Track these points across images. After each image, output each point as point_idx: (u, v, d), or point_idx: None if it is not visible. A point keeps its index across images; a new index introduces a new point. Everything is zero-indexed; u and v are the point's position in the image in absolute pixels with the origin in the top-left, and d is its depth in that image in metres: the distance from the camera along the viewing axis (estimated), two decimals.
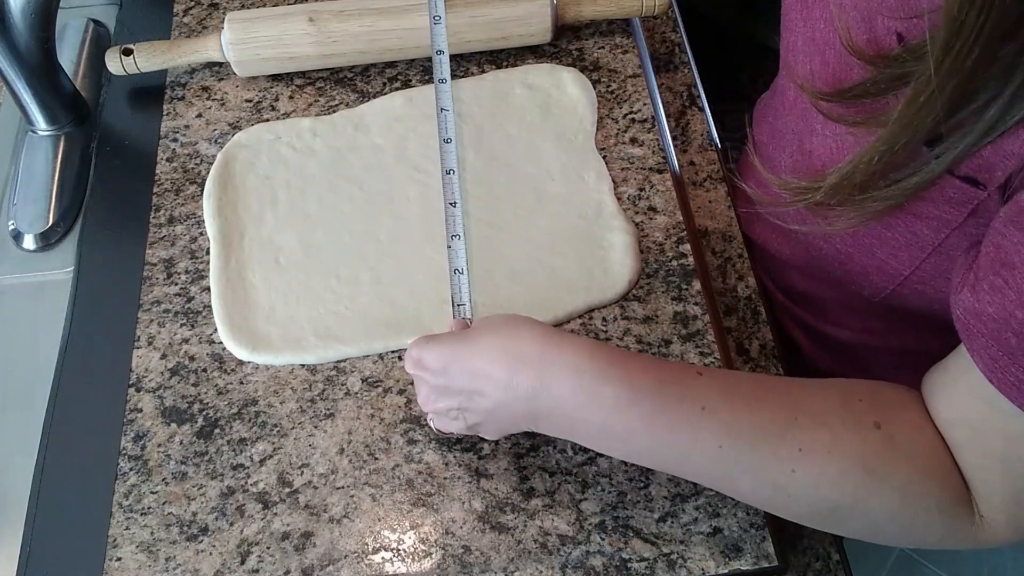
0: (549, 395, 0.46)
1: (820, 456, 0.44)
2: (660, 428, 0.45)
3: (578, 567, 0.52)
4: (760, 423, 0.45)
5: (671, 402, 0.45)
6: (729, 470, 0.46)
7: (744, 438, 0.45)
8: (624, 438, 0.46)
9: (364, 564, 0.53)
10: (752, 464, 0.45)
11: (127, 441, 0.57)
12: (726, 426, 0.45)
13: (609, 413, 0.45)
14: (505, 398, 0.47)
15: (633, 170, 0.67)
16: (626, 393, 0.45)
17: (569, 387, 0.46)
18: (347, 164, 0.68)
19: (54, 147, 0.72)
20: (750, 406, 0.45)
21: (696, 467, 0.47)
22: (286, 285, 0.62)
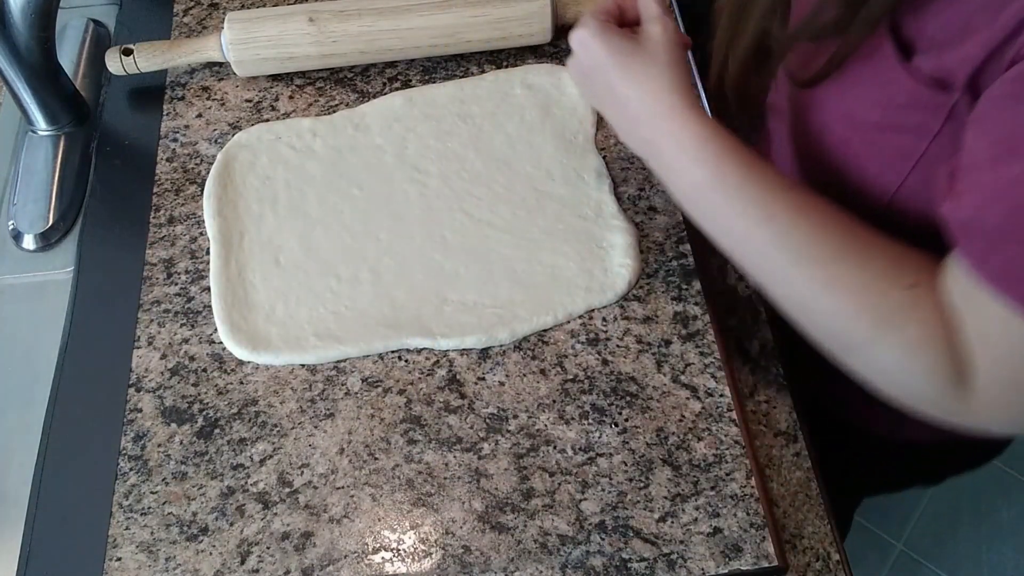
0: (657, 151, 0.53)
1: (847, 293, 0.48)
2: (724, 218, 0.51)
3: (578, 567, 0.52)
4: (810, 247, 0.49)
5: (746, 202, 0.50)
6: (769, 274, 0.51)
7: (788, 253, 0.49)
8: (694, 205, 0.53)
9: (364, 564, 0.53)
10: (786, 278, 0.50)
11: (127, 441, 0.57)
12: (779, 238, 0.49)
13: (691, 187, 0.52)
14: (627, 127, 0.55)
15: (633, 170, 0.67)
16: (709, 181, 0.51)
17: (669, 157, 0.53)
18: (347, 164, 0.68)
19: (54, 147, 0.72)
20: (811, 229, 0.49)
21: (741, 257, 0.52)
22: (286, 285, 0.62)
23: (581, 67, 0.56)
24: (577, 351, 0.59)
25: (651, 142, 0.53)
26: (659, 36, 0.54)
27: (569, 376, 0.59)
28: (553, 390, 0.58)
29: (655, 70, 0.53)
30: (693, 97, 0.53)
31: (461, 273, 0.62)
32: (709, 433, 0.56)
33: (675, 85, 0.53)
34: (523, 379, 0.59)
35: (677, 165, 0.52)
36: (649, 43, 0.54)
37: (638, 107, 0.53)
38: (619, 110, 0.55)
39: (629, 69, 0.54)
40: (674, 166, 0.52)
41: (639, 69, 0.54)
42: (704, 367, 0.59)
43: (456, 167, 0.67)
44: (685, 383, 0.58)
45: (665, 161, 0.53)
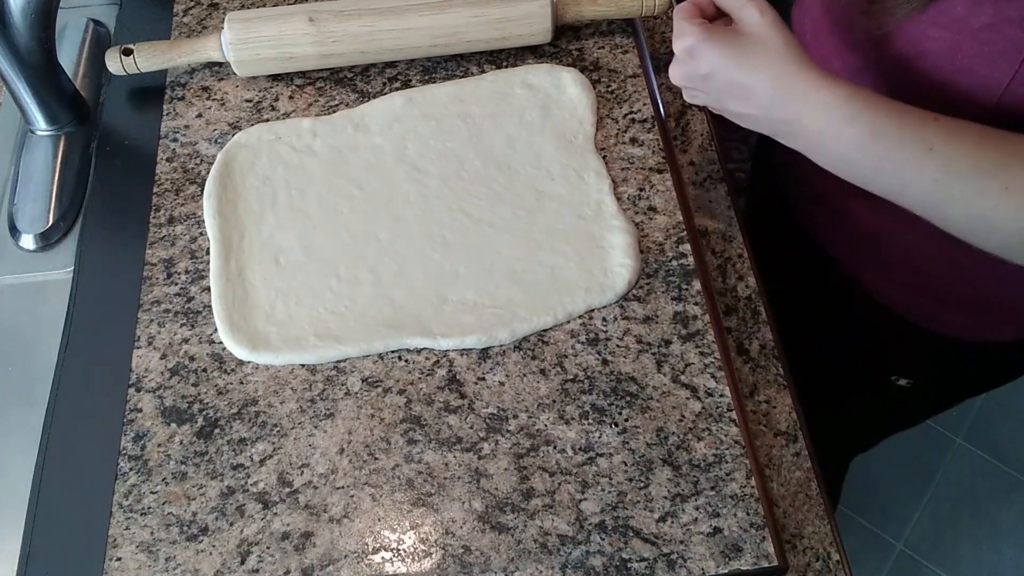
0: (800, 126, 0.54)
1: (1022, 194, 0.50)
2: (889, 164, 0.52)
3: (578, 567, 0.52)
4: (977, 163, 0.51)
5: (905, 143, 0.51)
6: (942, 201, 0.52)
7: (959, 175, 0.51)
8: (853, 165, 0.54)
9: (364, 564, 0.53)
10: (963, 197, 0.51)
11: (127, 441, 0.57)
12: (946, 165, 0.51)
13: (848, 147, 0.53)
14: (758, 115, 0.56)
15: (633, 170, 0.67)
16: (867, 134, 0.52)
17: (818, 126, 0.53)
18: (347, 164, 0.68)
19: (54, 147, 0.72)
20: (972, 148, 0.51)
21: (912, 197, 0.53)
22: (286, 285, 0.62)
23: (696, 74, 0.57)
24: (577, 351, 0.60)
25: (793, 120, 0.54)
26: (759, 20, 0.55)
27: (569, 376, 0.59)
28: (553, 390, 0.58)
29: (773, 52, 0.54)
30: (816, 65, 0.54)
31: (461, 273, 0.62)
32: (709, 433, 0.56)
33: (799, 60, 0.54)
34: (523, 379, 0.59)
35: (829, 131, 0.53)
36: (754, 28, 0.55)
37: (772, 92, 0.54)
38: (748, 101, 0.56)
39: (748, 59, 0.55)
40: (826, 132, 0.53)
41: (759, 57, 0.54)
42: (704, 367, 0.59)
43: (456, 167, 0.67)
44: (685, 383, 0.58)
45: (814, 132, 0.54)
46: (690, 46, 0.56)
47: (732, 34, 0.56)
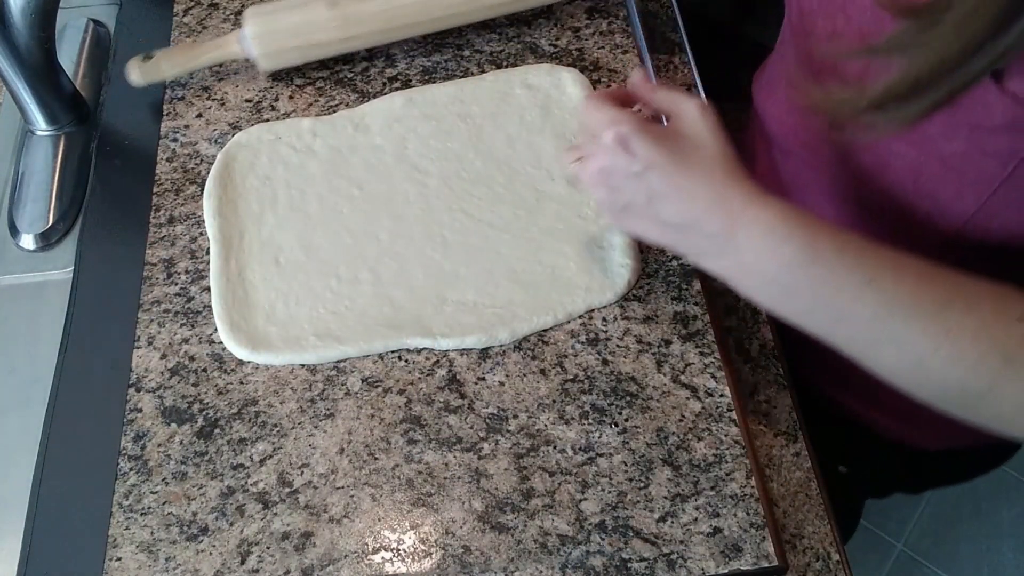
0: (733, 242, 0.49)
1: (965, 339, 0.45)
2: (824, 292, 0.47)
3: (578, 567, 0.52)
4: (919, 301, 0.46)
5: (843, 270, 0.47)
6: (877, 340, 0.47)
7: (899, 314, 0.46)
8: (785, 291, 0.49)
9: (364, 564, 0.53)
10: (901, 338, 0.47)
11: (127, 441, 0.57)
12: (886, 300, 0.46)
13: (781, 270, 0.48)
14: (688, 224, 0.50)
15: None
16: (804, 256, 0.47)
17: (753, 243, 0.48)
18: (347, 164, 0.68)
19: (54, 147, 0.72)
20: (914, 283, 0.47)
21: (845, 333, 0.49)
22: (286, 285, 0.62)
23: (627, 169, 0.51)
24: (577, 351, 0.60)
25: (726, 234, 0.49)
26: (699, 118, 0.51)
27: (569, 376, 0.59)
28: (553, 390, 0.58)
29: (711, 158, 0.50)
30: (751, 179, 0.50)
31: (461, 273, 0.62)
32: (709, 433, 0.56)
33: (736, 171, 0.50)
34: (523, 379, 0.59)
35: (764, 249, 0.48)
36: (692, 128, 0.51)
37: (709, 199, 0.49)
38: (683, 206, 0.50)
39: (687, 159, 0.50)
40: (761, 250, 0.48)
41: (696, 158, 0.50)
42: (704, 367, 0.59)
43: (456, 167, 0.67)
44: (685, 383, 0.58)
45: (747, 249, 0.48)
46: (625, 136, 0.51)
47: (669, 130, 0.52)
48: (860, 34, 0.51)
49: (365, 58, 0.74)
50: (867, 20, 0.50)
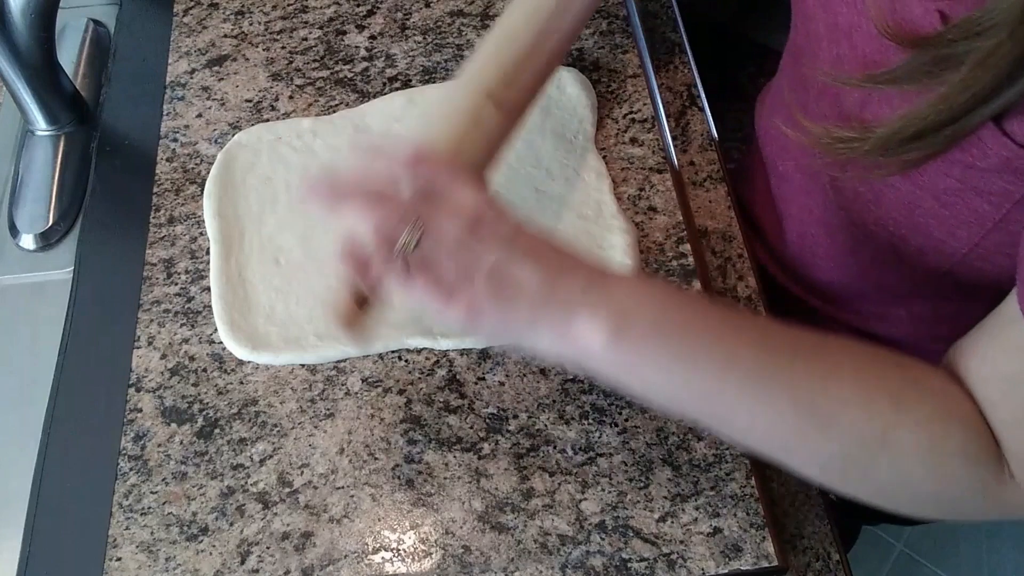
0: (604, 286, 0.44)
1: (848, 380, 0.44)
2: (679, 376, 0.45)
3: (578, 567, 0.52)
4: (792, 347, 0.45)
5: (695, 319, 0.45)
6: (758, 389, 0.44)
7: (774, 354, 0.45)
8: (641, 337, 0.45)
9: (364, 564, 0.53)
10: (785, 381, 0.44)
11: (127, 441, 0.57)
12: (730, 353, 0.45)
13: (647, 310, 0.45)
14: (560, 269, 0.44)
15: (633, 170, 0.67)
16: (665, 299, 0.46)
17: (624, 285, 0.45)
18: (347, 164, 0.68)
19: (54, 147, 0.72)
20: (774, 350, 0.45)
21: (720, 407, 0.46)
22: (286, 285, 0.62)
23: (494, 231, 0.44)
24: None
25: (597, 280, 0.45)
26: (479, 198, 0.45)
27: (569, 376, 0.59)
28: (553, 390, 0.58)
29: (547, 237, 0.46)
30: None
31: None
32: (709, 433, 0.56)
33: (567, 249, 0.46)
34: (523, 379, 0.59)
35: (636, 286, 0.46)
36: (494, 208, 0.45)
37: (570, 254, 0.46)
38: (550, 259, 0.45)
39: (524, 223, 0.45)
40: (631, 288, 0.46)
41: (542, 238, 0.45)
42: None
43: None
44: None
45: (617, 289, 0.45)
46: (488, 199, 0.45)
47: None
48: (863, 62, 0.51)
49: (365, 58, 0.74)
50: (872, 49, 0.50)
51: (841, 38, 0.52)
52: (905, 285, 0.61)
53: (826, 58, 0.54)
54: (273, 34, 0.76)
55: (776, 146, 0.67)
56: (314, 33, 0.76)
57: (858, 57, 0.51)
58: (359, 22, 0.77)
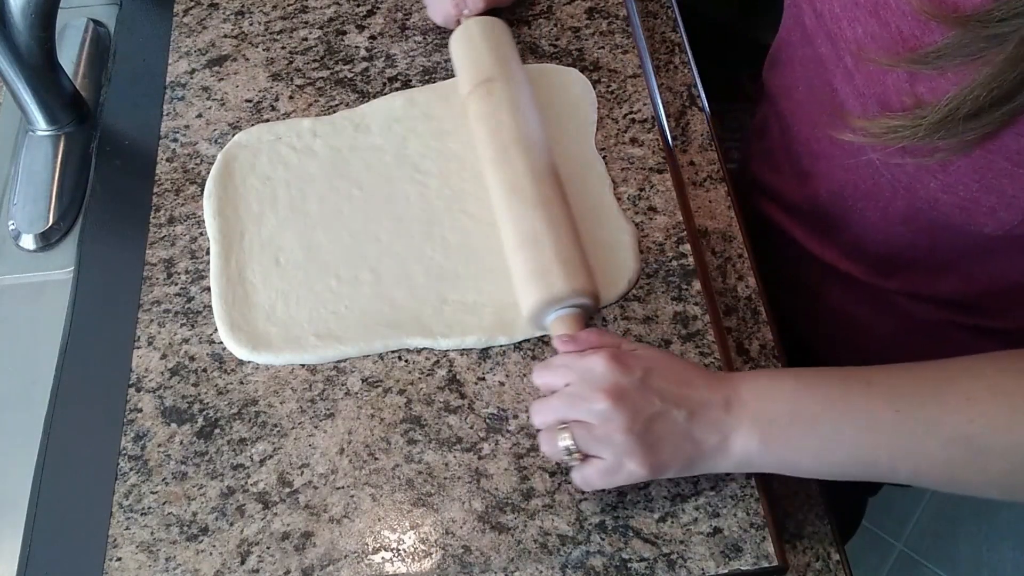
0: (739, 398, 0.50)
1: (988, 402, 0.45)
2: (838, 406, 0.48)
3: (578, 567, 0.52)
4: (920, 386, 0.47)
5: (845, 381, 0.49)
6: (909, 434, 0.47)
7: (912, 398, 0.47)
8: (801, 425, 0.49)
9: (364, 564, 0.53)
10: (931, 420, 0.46)
11: (127, 441, 0.57)
12: (892, 391, 0.47)
13: (788, 403, 0.49)
14: (692, 407, 0.50)
15: (633, 170, 0.67)
16: (803, 383, 0.50)
17: (756, 387, 0.50)
18: (347, 164, 0.68)
19: (54, 147, 0.72)
20: (906, 374, 0.49)
21: (874, 443, 0.48)
22: (286, 285, 0.62)
23: (630, 377, 0.50)
24: None
25: (731, 396, 0.50)
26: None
27: None
28: None
29: (685, 363, 0.52)
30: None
31: (461, 273, 0.62)
32: None
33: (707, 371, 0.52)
34: (523, 379, 0.59)
35: (769, 389, 0.50)
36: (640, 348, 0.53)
37: (704, 373, 0.52)
38: (689, 387, 0.50)
39: (666, 355, 0.53)
40: (765, 390, 0.50)
41: (680, 365, 0.52)
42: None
43: (456, 167, 0.67)
44: None
45: (752, 396, 0.50)
46: (618, 350, 0.51)
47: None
48: (900, 39, 0.50)
49: (365, 58, 0.74)
50: (908, 26, 0.49)
51: (864, 16, 0.52)
52: (961, 247, 0.60)
53: (850, 38, 0.53)
54: (273, 34, 0.76)
55: (806, 125, 0.66)
56: (314, 33, 0.76)
57: (891, 35, 0.50)
58: (359, 22, 0.77)
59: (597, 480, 0.51)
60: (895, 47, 0.50)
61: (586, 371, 0.50)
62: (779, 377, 0.51)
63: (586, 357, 0.51)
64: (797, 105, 0.67)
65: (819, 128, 0.64)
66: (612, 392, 0.49)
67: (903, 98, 0.51)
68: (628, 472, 0.49)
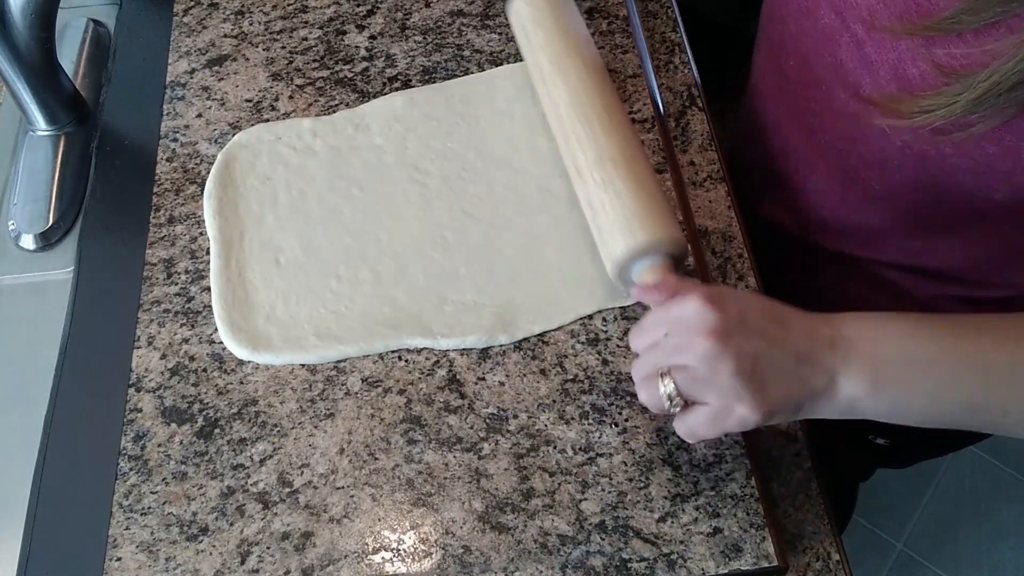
0: (844, 337, 0.47)
1: None
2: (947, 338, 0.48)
3: (578, 567, 0.52)
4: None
5: (956, 321, 0.48)
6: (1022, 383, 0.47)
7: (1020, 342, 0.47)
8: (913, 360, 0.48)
9: (364, 564, 0.53)
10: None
11: (127, 441, 0.57)
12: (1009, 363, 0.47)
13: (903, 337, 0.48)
14: (797, 342, 0.48)
15: None
16: (912, 320, 0.48)
17: (861, 325, 0.48)
18: (347, 164, 0.68)
19: (54, 147, 0.72)
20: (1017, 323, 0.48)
21: (991, 412, 0.48)
22: (286, 285, 0.62)
23: (728, 319, 0.47)
24: (577, 351, 0.60)
25: (835, 334, 0.48)
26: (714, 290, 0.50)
27: (569, 376, 0.59)
28: (553, 390, 0.58)
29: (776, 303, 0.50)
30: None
31: (461, 273, 0.62)
32: None
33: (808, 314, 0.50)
34: (523, 379, 0.59)
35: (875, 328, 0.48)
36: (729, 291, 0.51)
37: (802, 315, 0.49)
38: (788, 327, 0.48)
39: (754, 295, 0.52)
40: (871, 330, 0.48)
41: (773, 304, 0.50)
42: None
43: (456, 167, 0.67)
44: None
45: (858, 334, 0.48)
46: (715, 292, 0.49)
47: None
48: (914, 4, 0.49)
49: (365, 58, 0.74)
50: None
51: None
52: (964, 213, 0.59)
53: (861, 4, 0.53)
54: (273, 34, 0.76)
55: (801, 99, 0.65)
56: (314, 33, 0.76)
57: (904, 1, 0.50)
58: (359, 22, 0.77)
59: (704, 428, 0.48)
60: (908, 13, 0.49)
61: (680, 317, 0.48)
62: (885, 318, 0.49)
63: (677, 303, 0.49)
64: (791, 81, 0.66)
65: (817, 102, 0.63)
66: (714, 333, 0.46)
67: (919, 63, 0.50)
68: (738, 417, 0.47)
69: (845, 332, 0.48)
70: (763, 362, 0.47)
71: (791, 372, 0.47)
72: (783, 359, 0.47)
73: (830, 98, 0.60)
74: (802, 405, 0.48)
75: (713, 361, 0.46)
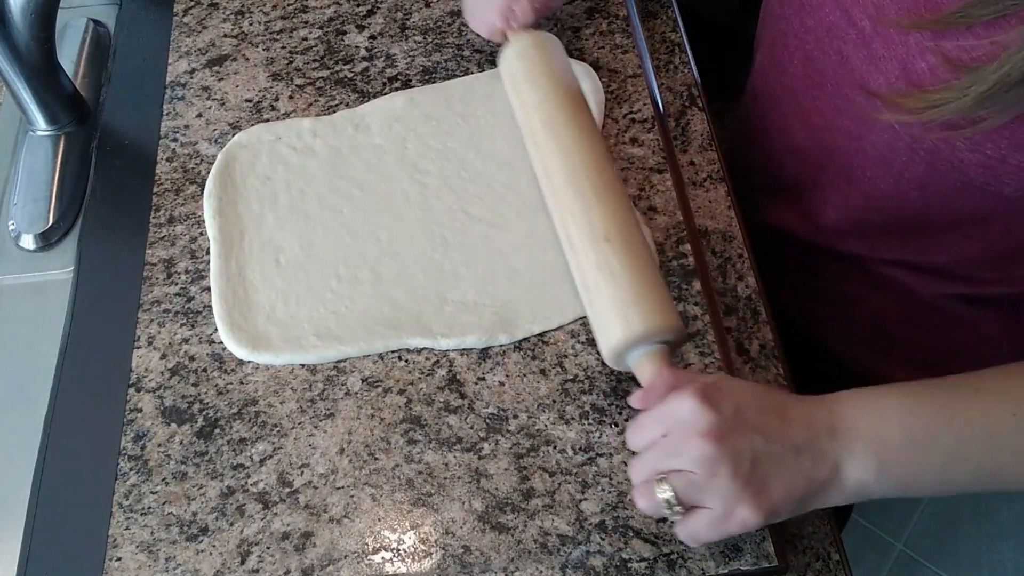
0: (842, 415, 0.47)
1: None
2: (945, 411, 0.47)
3: (578, 567, 0.52)
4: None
5: (951, 387, 0.48)
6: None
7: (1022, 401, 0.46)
8: (909, 434, 0.47)
9: (364, 564, 0.53)
10: None
11: (127, 441, 0.57)
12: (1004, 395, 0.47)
13: (895, 413, 0.47)
14: (792, 431, 0.47)
15: (633, 170, 0.67)
16: (908, 394, 0.47)
17: (858, 404, 0.48)
18: (347, 164, 0.68)
19: (54, 147, 0.72)
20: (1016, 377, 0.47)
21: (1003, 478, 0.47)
22: (286, 285, 0.62)
23: (722, 414, 0.46)
24: (577, 351, 0.60)
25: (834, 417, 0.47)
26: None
27: (569, 376, 0.59)
28: (553, 390, 0.58)
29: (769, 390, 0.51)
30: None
31: (461, 273, 0.62)
32: None
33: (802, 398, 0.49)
34: (523, 379, 0.59)
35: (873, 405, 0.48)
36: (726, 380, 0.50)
37: (798, 401, 0.49)
38: (783, 417, 0.48)
39: (751, 384, 0.50)
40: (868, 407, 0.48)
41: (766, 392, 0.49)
42: (704, 367, 0.59)
43: (456, 167, 0.67)
44: None
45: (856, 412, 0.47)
46: (710, 383, 0.48)
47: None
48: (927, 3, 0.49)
49: (365, 58, 0.74)
50: None
51: None
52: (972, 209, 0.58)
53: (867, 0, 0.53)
54: (273, 34, 0.76)
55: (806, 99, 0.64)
56: (314, 33, 0.76)
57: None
58: (359, 22, 0.77)
59: (706, 532, 0.47)
60: (917, 7, 0.49)
61: (675, 417, 0.47)
62: (880, 394, 0.48)
63: (671, 402, 0.48)
64: (794, 79, 0.66)
65: (822, 100, 0.62)
66: (710, 435, 0.45)
67: (928, 57, 0.50)
68: (740, 519, 0.46)
69: (842, 416, 0.48)
70: (762, 459, 0.46)
71: (792, 466, 0.46)
72: (782, 453, 0.46)
73: (835, 95, 0.60)
74: (806, 499, 0.47)
75: (710, 464, 0.46)
